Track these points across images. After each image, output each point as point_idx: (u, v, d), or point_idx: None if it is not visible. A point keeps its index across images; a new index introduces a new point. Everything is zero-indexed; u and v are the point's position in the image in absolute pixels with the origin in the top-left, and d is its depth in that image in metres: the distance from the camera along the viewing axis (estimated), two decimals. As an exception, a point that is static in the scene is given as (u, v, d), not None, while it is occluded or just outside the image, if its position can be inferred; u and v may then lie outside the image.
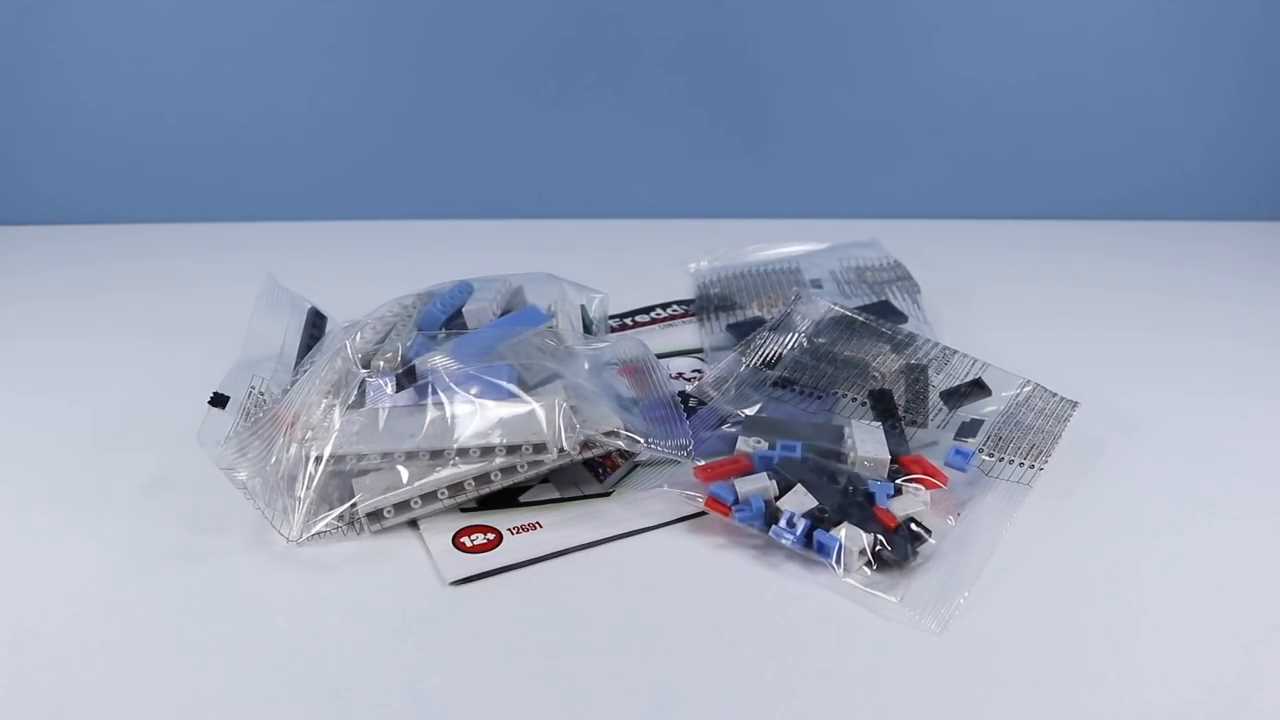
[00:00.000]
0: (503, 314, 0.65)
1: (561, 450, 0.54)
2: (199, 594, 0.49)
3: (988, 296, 0.87)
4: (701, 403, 0.63)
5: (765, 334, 0.68)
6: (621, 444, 0.55)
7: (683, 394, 0.64)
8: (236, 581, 0.50)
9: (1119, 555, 0.53)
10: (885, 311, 0.76)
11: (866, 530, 0.51)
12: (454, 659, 0.45)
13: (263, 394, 0.58)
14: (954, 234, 1.04)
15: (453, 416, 0.53)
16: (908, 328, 0.70)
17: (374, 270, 0.89)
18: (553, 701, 0.43)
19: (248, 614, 0.48)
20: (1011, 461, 0.58)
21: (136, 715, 0.42)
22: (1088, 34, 1.03)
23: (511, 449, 0.53)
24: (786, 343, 0.68)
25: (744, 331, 0.72)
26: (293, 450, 0.52)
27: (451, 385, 0.55)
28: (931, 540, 0.51)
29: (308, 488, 0.52)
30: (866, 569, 0.50)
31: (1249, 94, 1.05)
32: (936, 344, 0.67)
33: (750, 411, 0.62)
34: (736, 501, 0.53)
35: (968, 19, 1.02)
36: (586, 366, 0.55)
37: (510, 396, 0.55)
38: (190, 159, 1.02)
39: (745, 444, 0.57)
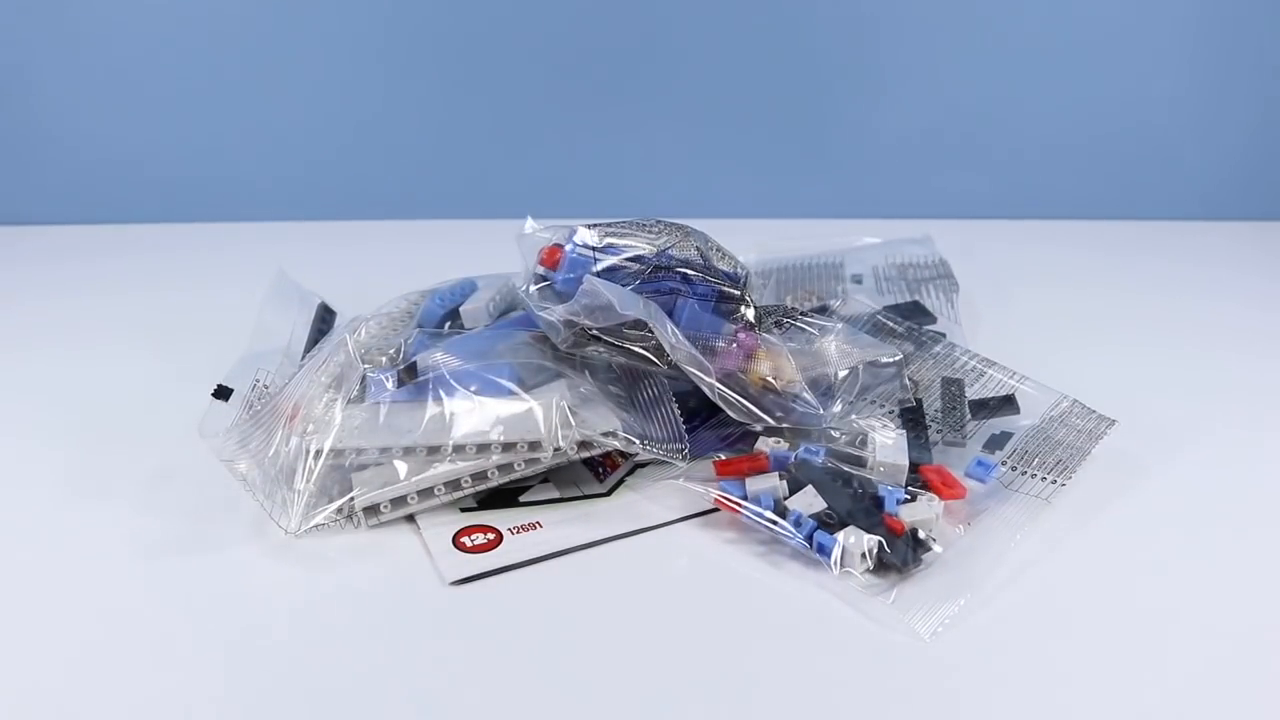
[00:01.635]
0: (505, 313, 0.69)
1: (558, 449, 0.56)
2: (198, 586, 0.52)
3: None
4: None
5: None
6: (619, 445, 0.58)
7: None
8: (235, 574, 0.53)
9: (1130, 579, 0.54)
10: (914, 312, 0.78)
11: (872, 535, 0.53)
12: (454, 659, 0.48)
13: (267, 387, 0.61)
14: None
15: (451, 413, 0.56)
16: (936, 328, 0.73)
17: (376, 270, 0.91)
18: (552, 701, 0.45)
19: (246, 607, 0.51)
20: (1034, 476, 0.60)
21: (135, 710, 0.45)
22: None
23: (507, 447, 0.56)
24: None
25: None
26: (293, 443, 0.56)
27: (451, 382, 0.58)
28: (937, 548, 0.53)
29: (307, 481, 0.55)
30: (867, 572, 0.52)
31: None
32: (974, 355, 0.69)
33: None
34: (745, 499, 0.56)
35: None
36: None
37: (509, 395, 0.58)
38: (191, 159, 1.07)
39: (764, 444, 0.60)
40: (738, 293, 0.64)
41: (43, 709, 0.45)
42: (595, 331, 0.60)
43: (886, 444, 0.60)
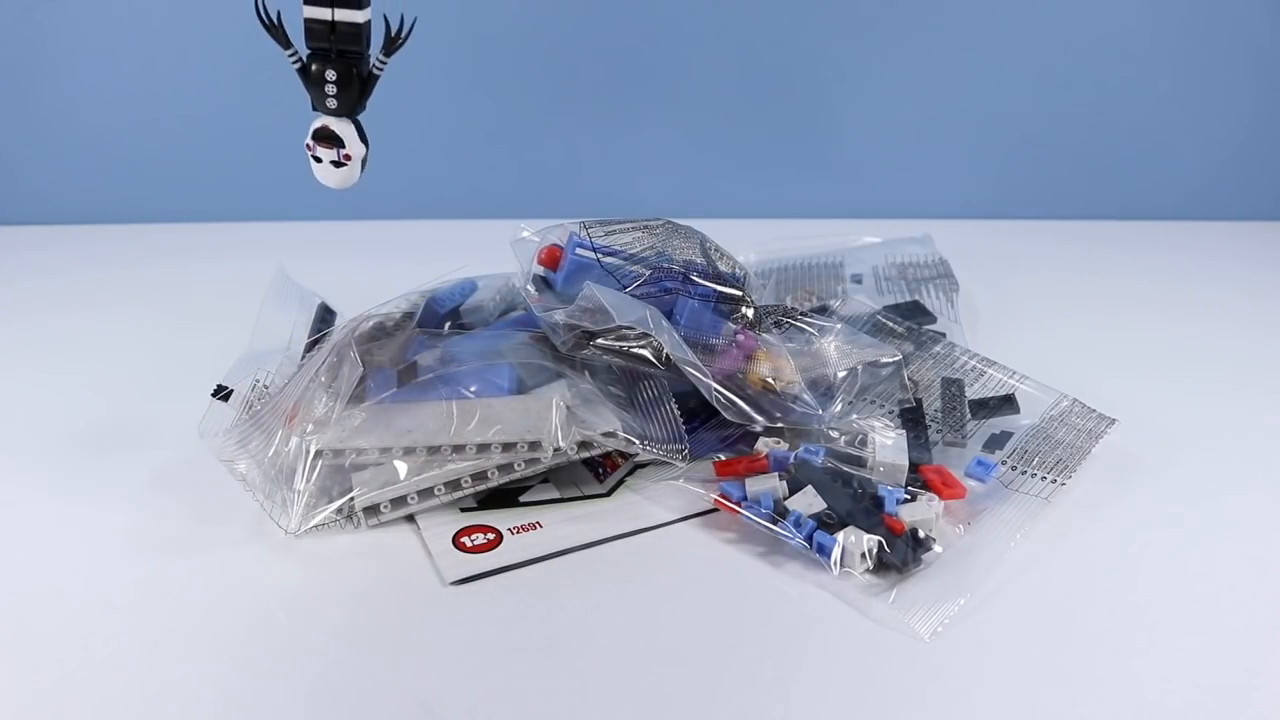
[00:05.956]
0: (505, 313, 0.69)
1: (558, 449, 0.57)
2: (198, 586, 0.52)
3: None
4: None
5: None
6: (619, 445, 0.58)
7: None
8: (236, 573, 0.53)
9: (1130, 579, 0.54)
10: (914, 312, 0.78)
11: (872, 535, 0.53)
12: (454, 659, 0.48)
13: (267, 387, 0.62)
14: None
15: (451, 413, 0.57)
16: (936, 328, 0.73)
17: (376, 270, 0.90)
18: (552, 701, 0.45)
19: (247, 607, 0.51)
20: (1034, 475, 0.60)
21: (136, 710, 0.45)
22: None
23: (507, 447, 0.56)
24: None
25: None
26: (292, 443, 0.56)
27: (451, 382, 0.58)
28: (937, 548, 0.53)
29: (307, 481, 0.55)
30: (867, 572, 0.53)
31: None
32: (974, 355, 0.69)
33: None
34: (745, 499, 0.56)
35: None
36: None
37: (509, 395, 0.58)
38: (191, 159, 1.07)
39: (764, 444, 0.61)
40: (738, 293, 0.64)
41: (44, 709, 0.45)
42: (596, 336, 0.60)
43: (886, 444, 0.60)
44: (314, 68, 0.60)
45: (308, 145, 0.61)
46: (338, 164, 0.61)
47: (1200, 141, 1.09)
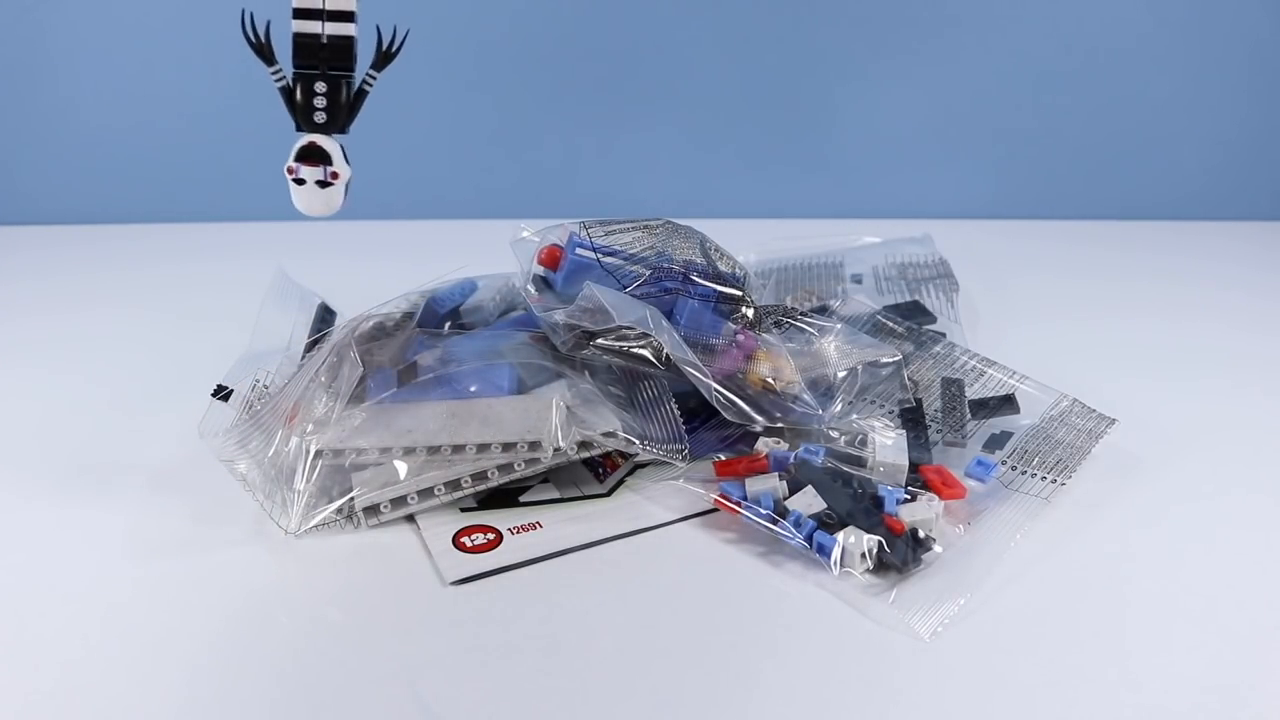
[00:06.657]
0: (505, 313, 0.69)
1: (558, 449, 0.57)
2: (199, 586, 0.52)
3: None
4: None
5: None
6: (619, 445, 0.58)
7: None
8: (236, 573, 0.53)
9: (1129, 579, 0.54)
10: (914, 312, 0.78)
11: (872, 535, 0.53)
12: (454, 659, 0.48)
13: (267, 387, 0.62)
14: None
15: (451, 413, 0.57)
16: (936, 328, 0.73)
17: (376, 270, 0.91)
18: (552, 701, 0.45)
19: (247, 607, 0.51)
20: (1034, 475, 0.60)
21: (136, 710, 0.45)
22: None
23: (507, 447, 0.56)
24: None
25: None
26: (292, 443, 0.56)
27: (451, 382, 0.58)
28: (937, 548, 0.53)
29: (307, 481, 0.55)
30: (867, 572, 0.53)
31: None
32: (974, 355, 0.69)
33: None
34: (745, 499, 0.56)
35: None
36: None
37: (509, 395, 0.58)
38: (191, 159, 1.07)
39: (764, 444, 0.61)
40: (738, 293, 0.64)
41: (44, 708, 0.45)
42: (596, 336, 0.61)
43: (886, 444, 0.60)
44: (301, 84, 0.59)
45: (289, 169, 0.61)
46: (323, 183, 0.61)
47: (1200, 141, 1.10)
